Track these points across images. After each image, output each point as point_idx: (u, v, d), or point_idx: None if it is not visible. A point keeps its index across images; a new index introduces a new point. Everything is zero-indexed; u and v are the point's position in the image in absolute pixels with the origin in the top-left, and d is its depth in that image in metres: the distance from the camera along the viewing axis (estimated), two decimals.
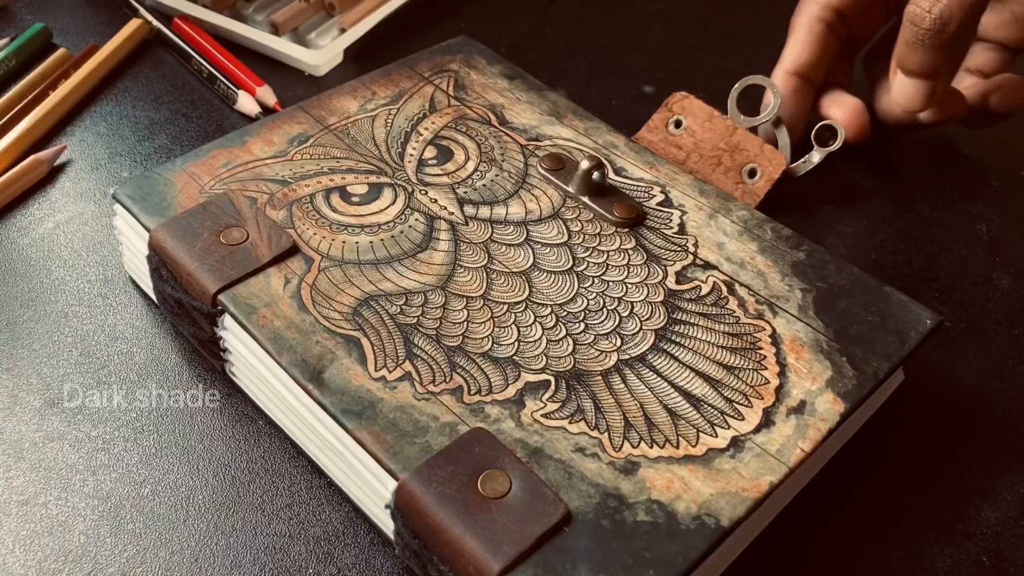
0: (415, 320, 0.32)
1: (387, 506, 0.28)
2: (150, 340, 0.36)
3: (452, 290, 0.33)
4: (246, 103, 0.46)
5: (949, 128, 0.47)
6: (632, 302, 0.33)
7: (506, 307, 0.32)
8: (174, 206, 0.34)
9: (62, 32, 0.50)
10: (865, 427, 0.34)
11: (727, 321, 0.33)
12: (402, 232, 0.35)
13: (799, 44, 0.44)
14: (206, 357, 0.35)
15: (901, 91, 0.41)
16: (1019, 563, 0.32)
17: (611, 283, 0.34)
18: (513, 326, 0.32)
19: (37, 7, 0.52)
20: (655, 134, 0.42)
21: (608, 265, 0.34)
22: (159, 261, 0.33)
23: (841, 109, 0.44)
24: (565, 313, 0.32)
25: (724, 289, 0.34)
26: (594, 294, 0.33)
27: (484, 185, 0.37)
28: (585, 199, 0.36)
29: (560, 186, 0.37)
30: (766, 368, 0.31)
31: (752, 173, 0.41)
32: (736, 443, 0.29)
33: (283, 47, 0.49)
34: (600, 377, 0.31)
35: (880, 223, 0.43)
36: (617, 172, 0.38)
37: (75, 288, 0.37)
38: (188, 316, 0.33)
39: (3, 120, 0.44)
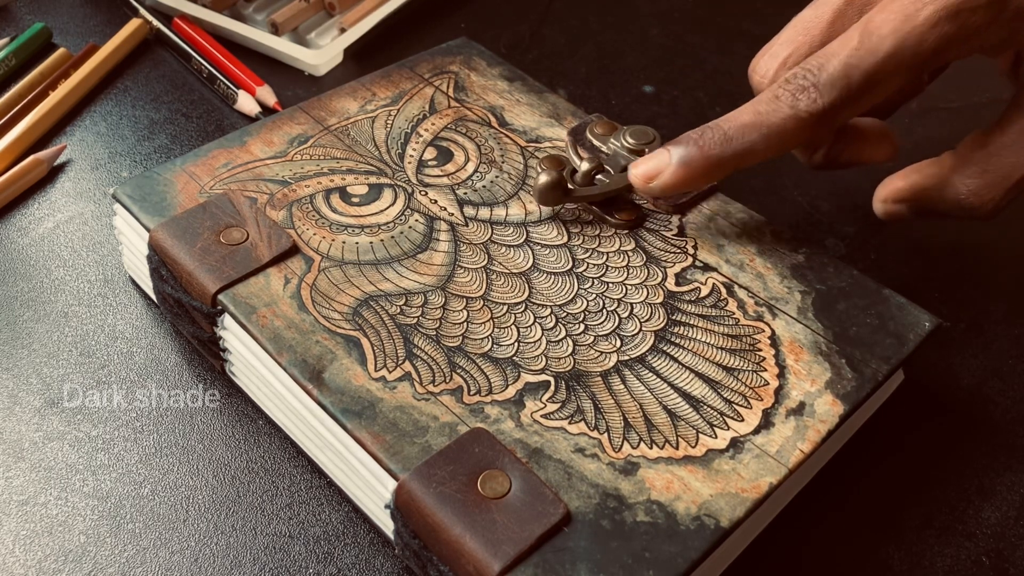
0: (415, 320, 0.32)
1: (387, 506, 0.28)
2: (150, 340, 0.36)
3: (452, 291, 0.33)
4: (246, 103, 0.46)
5: (948, 129, 0.47)
6: (632, 303, 0.33)
7: (506, 308, 0.32)
8: (174, 206, 0.34)
9: (62, 32, 0.50)
10: (865, 427, 0.34)
11: (726, 323, 0.33)
12: (402, 233, 0.35)
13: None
14: (206, 357, 0.35)
15: None
16: (1019, 563, 0.32)
17: (611, 284, 0.34)
18: (513, 327, 0.32)
19: (37, 7, 0.52)
20: None
21: (608, 267, 0.34)
22: (159, 261, 0.33)
23: None
24: (565, 314, 0.32)
25: (723, 291, 0.34)
26: (594, 295, 0.33)
27: (484, 186, 0.37)
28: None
29: None
30: (765, 370, 0.31)
31: None
32: (735, 444, 0.29)
33: (283, 47, 0.49)
34: (600, 378, 0.31)
35: (880, 223, 0.43)
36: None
37: (75, 288, 0.37)
38: (188, 316, 0.34)
39: (3, 120, 0.44)
